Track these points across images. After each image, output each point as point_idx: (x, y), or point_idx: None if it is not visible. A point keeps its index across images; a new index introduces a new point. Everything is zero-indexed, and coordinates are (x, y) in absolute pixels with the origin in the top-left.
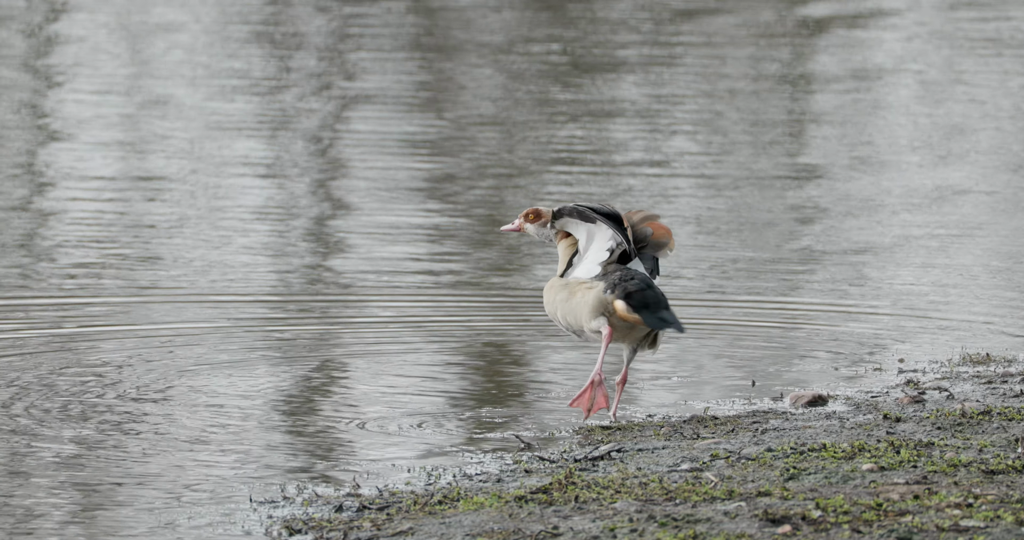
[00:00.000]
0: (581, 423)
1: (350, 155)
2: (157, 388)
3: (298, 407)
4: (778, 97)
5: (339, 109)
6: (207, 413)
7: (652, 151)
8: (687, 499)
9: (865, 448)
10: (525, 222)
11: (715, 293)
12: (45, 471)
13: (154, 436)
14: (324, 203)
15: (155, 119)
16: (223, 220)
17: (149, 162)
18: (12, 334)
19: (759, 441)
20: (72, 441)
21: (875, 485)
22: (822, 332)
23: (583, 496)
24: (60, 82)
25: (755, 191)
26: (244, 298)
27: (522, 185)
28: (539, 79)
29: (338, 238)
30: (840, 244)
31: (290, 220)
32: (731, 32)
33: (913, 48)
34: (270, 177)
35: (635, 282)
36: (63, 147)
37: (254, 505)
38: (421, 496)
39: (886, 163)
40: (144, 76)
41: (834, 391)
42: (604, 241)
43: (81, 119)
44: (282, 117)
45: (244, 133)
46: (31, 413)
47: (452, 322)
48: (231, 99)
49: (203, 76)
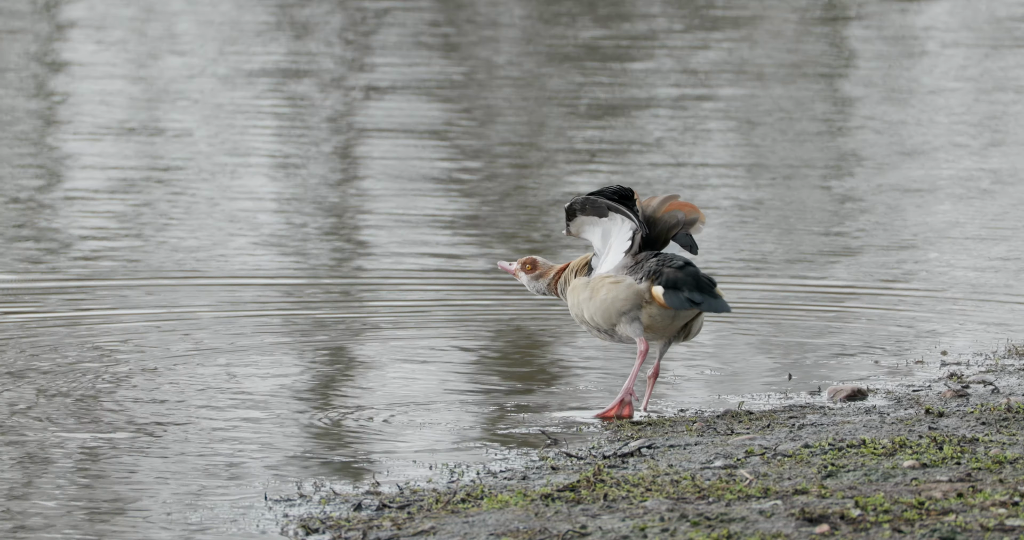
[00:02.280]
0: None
1: (374, 140)
2: (168, 378)
3: (314, 399)
4: (814, 84)
5: (358, 98)
6: (219, 405)
7: (686, 134)
8: (721, 497)
9: (906, 444)
10: (521, 270)
11: (753, 278)
12: (55, 465)
13: (164, 430)
14: (344, 188)
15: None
16: (237, 203)
17: (159, 148)
18: (22, 318)
19: (796, 437)
20: (83, 434)
21: (917, 483)
22: (862, 323)
23: (612, 494)
24: (70, 66)
25: (796, 177)
26: (257, 282)
27: (550, 172)
28: (564, 64)
29: (358, 223)
30: (884, 232)
31: (308, 206)
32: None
33: (954, 29)
34: (289, 167)
35: (674, 263)
36: (71, 135)
37: (269, 503)
38: (443, 494)
39: (932, 149)
40: (160, 58)
41: (874, 385)
42: (624, 233)
43: (90, 106)
44: (300, 106)
45: (263, 121)
46: (40, 405)
47: (477, 308)
48: (247, 85)
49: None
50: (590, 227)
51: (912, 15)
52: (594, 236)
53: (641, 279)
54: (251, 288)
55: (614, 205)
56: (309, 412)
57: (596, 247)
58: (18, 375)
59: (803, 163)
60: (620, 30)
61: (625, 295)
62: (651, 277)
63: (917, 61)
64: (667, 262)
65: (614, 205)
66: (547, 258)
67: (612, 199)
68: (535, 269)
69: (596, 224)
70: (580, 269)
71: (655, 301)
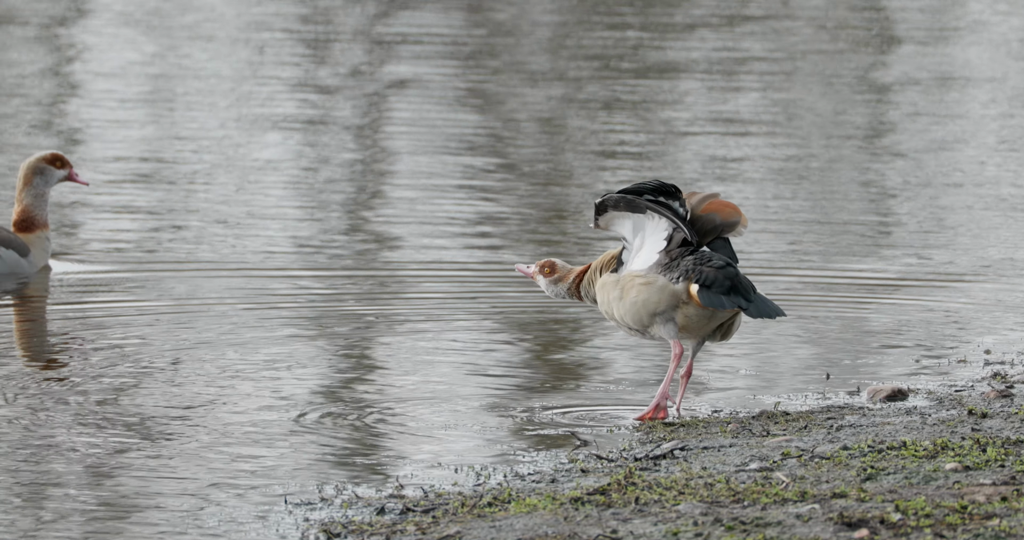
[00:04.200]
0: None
1: (403, 134)
2: (186, 375)
3: (335, 398)
4: (858, 58)
5: (381, 89)
6: (237, 404)
7: (722, 109)
8: (756, 501)
9: (948, 446)
10: (539, 273)
11: (790, 271)
12: (70, 466)
13: (182, 429)
14: (370, 180)
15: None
16: (258, 191)
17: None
18: (37, 307)
19: (834, 438)
20: (98, 434)
21: (959, 486)
22: (903, 320)
23: (644, 498)
24: (87, 52)
25: (836, 163)
26: (275, 273)
27: (586, 160)
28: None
29: (384, 218)
30: (928, 223)
31: (332, 197)
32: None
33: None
34: (313, 168)
35: (713, 263)
36: (87, 122)
37: (289, 507)
38: (469, 497)
39: (976, 137)
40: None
41: (915, 385)
42: (660, 230)
43: (108, 96)
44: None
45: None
46: (47, 407)
47: (504, 301)
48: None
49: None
50: (620, 220)
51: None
52: (624, 228)
53: (678, 279)
54: (265, 279)
55: (656, 208)
56: (331, 411)
57: (627, 239)
58: (31, 369)
59: (842, 150)
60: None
61: (658, 297)
62: (688, 276)
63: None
64: (705, 261)
65: (656, 208)
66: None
67: (652, 198)
68: (554, 272)
69: (627, 217)
70: (607, 265)
71: (693, 301)
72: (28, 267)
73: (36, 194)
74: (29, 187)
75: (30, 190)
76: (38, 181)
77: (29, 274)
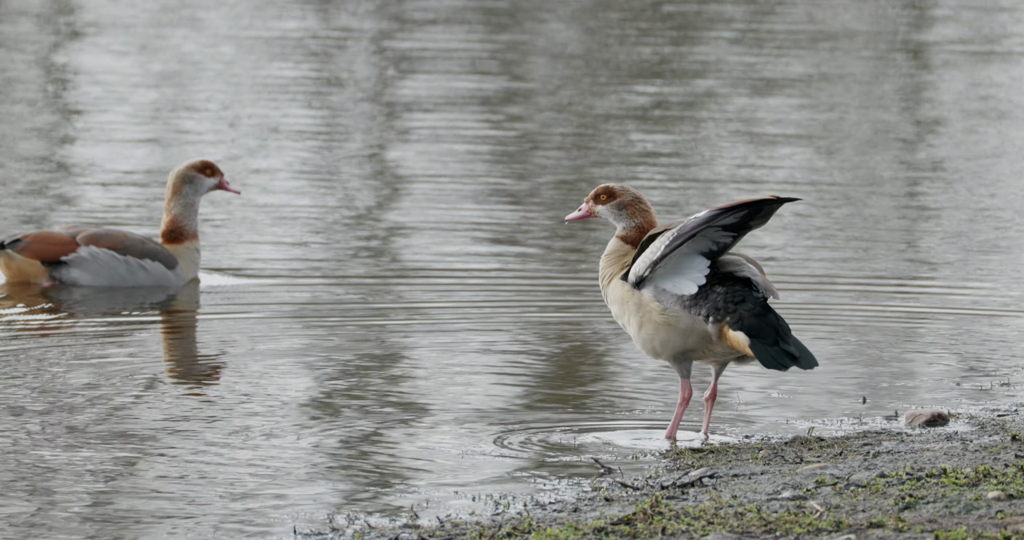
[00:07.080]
0: (668, 445)
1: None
2: (195, 390)
3: (347, 421)
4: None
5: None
6: (245, 426)
7: (754, 111)
8: (789, 531)
9: (991, 473)
10: (596, 205)
11: (825, 290)
12: (70, 488)
13: (186, 451)
14: (387, 191)
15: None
16: (273, 198)
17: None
18: (37, 319)
19: (871, 465)
20: (100, 453)
21: (1002, 515)
22: (943, 340)
23: (671, 528)
24: (100, 38)
25: (875, 188)
26: (290, 282)
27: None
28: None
29: (400, 224)
30: (967, 244)
31: (350, 203)
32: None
33: None
34: (329, 176)
35: (748, 306)
36: (99, 111)
37: (299, 537)
38: (488, 528)
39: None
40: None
41: (956, 409)
42: (697, 250)
43: (120, 82)
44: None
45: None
46: (42, 426)
47: (524, 314)
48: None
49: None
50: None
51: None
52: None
53: (708, 318)
54: (281, 288)
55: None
56: (341, 439)
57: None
58: (31, 388)
59: (879, 173)
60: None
61: (683, 340)
62: (720, 316)
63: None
64: (738, 299)
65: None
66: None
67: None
68: (614, 197)
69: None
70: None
71: (730, 345)
72: (175, 280)
73: (185, 203)
74: (178, 196)
75: (179, 199)
76: (187, 190)
77: (176, 286)
